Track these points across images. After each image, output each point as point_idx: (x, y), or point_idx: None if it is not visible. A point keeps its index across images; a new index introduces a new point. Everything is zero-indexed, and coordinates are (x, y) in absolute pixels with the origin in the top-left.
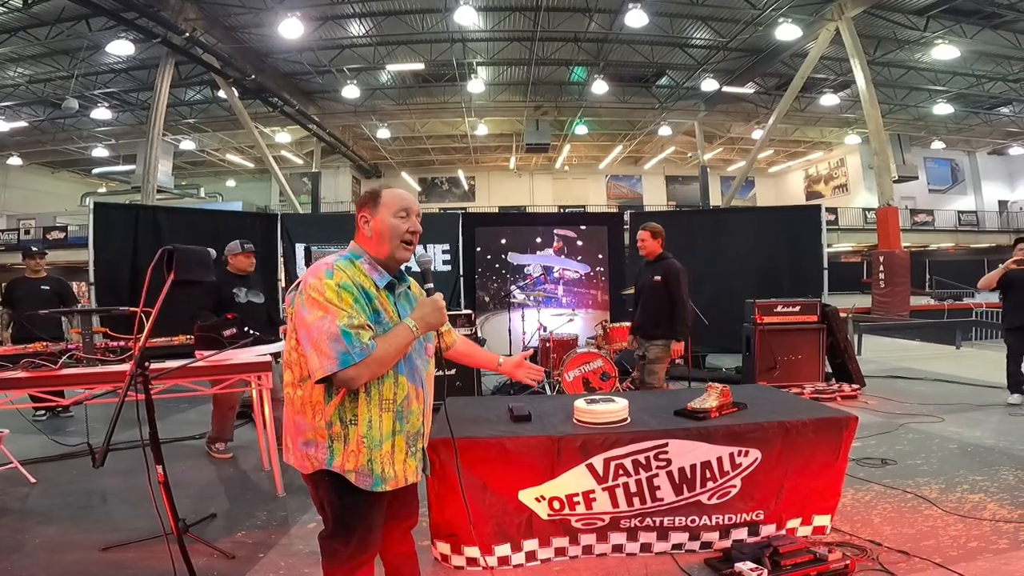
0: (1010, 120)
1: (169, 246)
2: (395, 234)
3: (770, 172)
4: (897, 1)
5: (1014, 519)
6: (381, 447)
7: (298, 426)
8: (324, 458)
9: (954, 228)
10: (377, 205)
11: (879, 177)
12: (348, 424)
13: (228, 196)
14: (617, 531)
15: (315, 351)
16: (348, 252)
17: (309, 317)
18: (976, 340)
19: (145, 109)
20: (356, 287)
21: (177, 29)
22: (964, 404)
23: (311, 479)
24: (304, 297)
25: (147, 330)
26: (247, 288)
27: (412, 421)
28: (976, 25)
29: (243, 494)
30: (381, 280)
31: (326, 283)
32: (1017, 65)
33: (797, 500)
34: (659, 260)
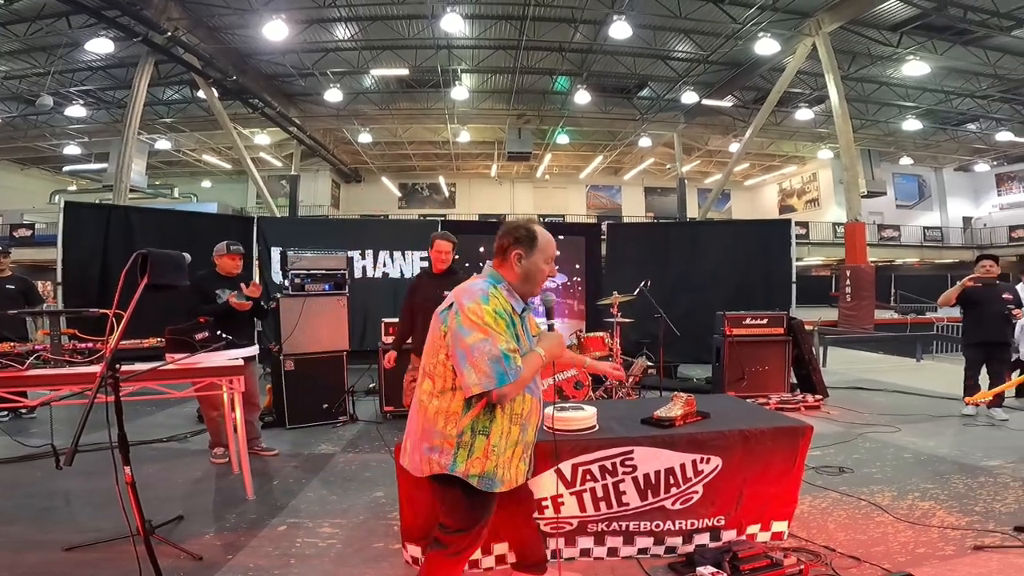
0: (976, 137)
1: (144, 250)
2: (541, 277)
3: (746, 185)
4: (872, 17)
5: (961, 526)
6: (504, 454)
7: (426, 432)
8: (447, 464)
9: (919, 244)
10: (533, 248)
11: (848, 192)
12: (477, 434)
13: (203, 197)
14: (585, 535)
15: (473, 369)
16: (489, 277)
17: (469, 338)
18: (937, 353)
19: (121, 107)
20: (507, 314)
21: (159, 28)
22: (920, 415)
23: (429, 480)
24: (462, 318)
25: (119, 332)
26: (231, 290)
27: (530, 431)
28: (947, 41)
29: (211, 497)
30: (518, 307)
31: (484, 308)
32: (985, 81)
33: (756, 506)
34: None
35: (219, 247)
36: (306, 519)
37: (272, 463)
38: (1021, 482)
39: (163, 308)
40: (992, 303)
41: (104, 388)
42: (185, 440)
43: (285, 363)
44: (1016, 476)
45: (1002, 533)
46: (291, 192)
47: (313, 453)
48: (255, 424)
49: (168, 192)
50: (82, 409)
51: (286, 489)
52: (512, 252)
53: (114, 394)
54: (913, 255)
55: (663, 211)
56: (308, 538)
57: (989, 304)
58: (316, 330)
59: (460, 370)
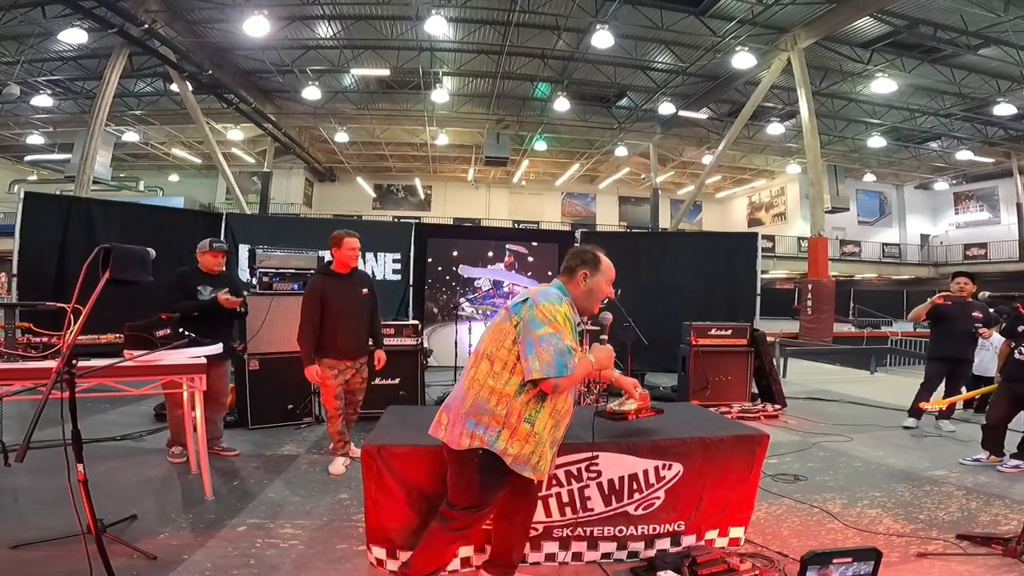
0: (937, 155)
1: (107, 244)
2: (601, 296)
3: (717, 198)
4: (846, 33)
5: (905, 533)
6: (543, 444)
7: (476, 408)
8: (490, 439)
9: (879, 259)
10: (598, 270)
11: (813, 208)
12: (523, 420)
13: (170, 191)
14: (550, 540)
15: (538, 356)
16: (558, 288)
17: (540, 330)
18: (891, 366)
19: (90, 98)
20: (572, 320)
21: (136, 20)
22: (872, 425)
23: (461, 455)
24: (536, 312)
25: (77, 327)
26: (213, 287)
27: (561, 429)
28: (916, 59)
29: (168, 496)
30: (576, 319)
31: (558, 308)
32: (949, 100)
33: (715, 512)
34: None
35: (202, 244)
36: (267, 520)
37: (233, 463)
38: (964, 491)
39: (123, 303)
40: (961, 320)
41: (60, 384)
42: (140, 439)
43: (250, 362)
44: (960, 485)
45: (944, 540)
46: (262, 189)
47: (276, 454)
48: (218, 424)
49: (133, 185)
50: (34, 405)
51: (246, 490)
52: (579, 272)
53: (69, 391)
54: (872, 271)
55: (636, 220)
56: (269, 539)
57: (958, 321)
58: (283, 330)
59: (525, 356)
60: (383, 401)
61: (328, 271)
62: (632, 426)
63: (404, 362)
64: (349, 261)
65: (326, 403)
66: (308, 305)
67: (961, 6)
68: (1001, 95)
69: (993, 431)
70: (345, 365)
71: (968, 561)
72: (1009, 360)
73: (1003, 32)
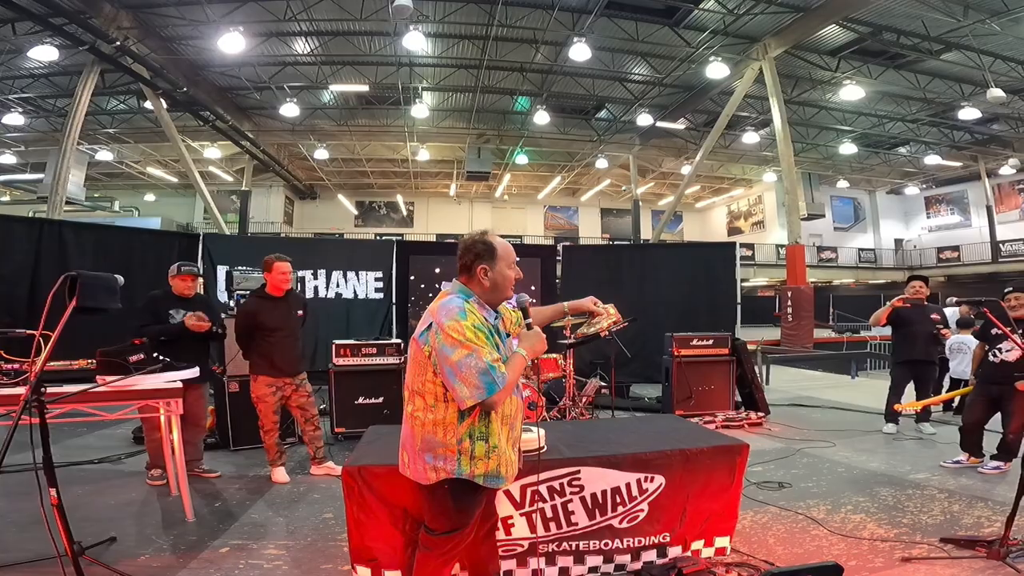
0: (906, 160)
1: (73, 272)
2: (508, 284)
3: (697, 207)
4: (814, 41)
5: (890, 538)
6: (505, 454)
7: (427, 443)
8: (452, 469)
9: (855, 265)
10: (495, 259)
11: (789, 215)
12: (476, 440)
13: (146, 211)
14: (536, 556)
15: (463, 383)
16: (459, 292)
17: (454, 356)
18: (871, 370)
19: (62, 116)
20: (484, 326)
21: (107, 37)
22: (854, 430)
23: (430, 488)
24: (443, 337)
25: (45, 355)
26: (186, 310)
27: (517, 428)
28: (881, 65)
29: (148, 519)
30: (490, 317)
31: (464, 324)
32: (915, 105)
33: (699, 522)
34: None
35: (172, 268)
36: (250, 541)
37: (214, 485)
38: (947, 494)
39: (97, 328)
40: (921, 323)
41: (29, 410)
42: (119, 461)
43: (229, 385)
44: (942, 488)
45: (928, 544)
46: (241, 208)
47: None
48: (198, 446)
49: (108, 205)
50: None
51: (228, 511)
52: (477, 267)
53: (39, 417)
54: (849, 276)
55: (619, 232)
56: (252, 560)
57: (918, 324)
58: None
59: (451, 386)
60: (368, 420)
61: (262, 294)
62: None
63: (387, 381)
64: (281, 284)
65: (264, 419)
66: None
67: (922, 12)
68: (965, 99)
69: (971, 433)
70: (283, 382)
71: (953, 565)
72: (983, 362)
73: (963, 37)
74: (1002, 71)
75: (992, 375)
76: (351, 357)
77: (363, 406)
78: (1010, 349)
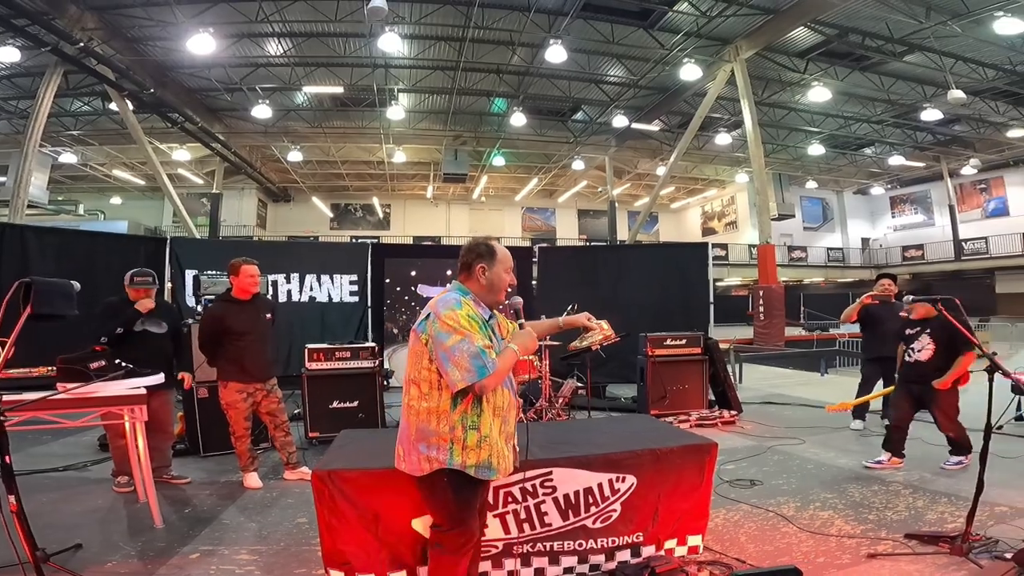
0: (872, 161)
1: (27, 279)
2: (503, 286)
3: (672, 208)
4: (783, 43)
5: (856, 534)
6: (497, 445)
7: (421, 432)
8: (445, 458)
9: (824, 264)
10: (494, 261)
11: (759, 216)
12: (468, 429)
13: (112, 215)
14: (511, 557)
15: (455, 367)
16: (457, 290)
17: (448, 341)
18: (840, 367)
19: (24, 118)
20: (478, 317)
21: (71, 39)
22: (823, 427)
23: (427, 480)
24: (439, 325)
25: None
26: (145, 317)
27: (510, 423)
28: (847, 67)
29: (115, 526)
30: (485, 314)
31: (459, 313)
32: (880, 107)
33: (671, 521)
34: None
35: (126, 277)
36: (221, 547)
37: (184, 491)
38: (911, 489)
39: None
40: (890, 320)
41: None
42: (84, 469)
43: (198, 391)
44: (907, 484)
45: (893, 540)
46: (212, 211)
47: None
48: (166, 452)
49: (72, 209)
50: None
51: (199, 517)
52: (476, 267)
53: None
54: (818, 275)
55: (596, 233)
56: (224, 565)
57: (887, 322)
58: None
59: (444, 370)
60: (343, 424)
61: (229, 298)
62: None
63: (362, 385)
64: (249, 287)
65: (235, 425)
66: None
67: (886, 14)
68: (927, 100)
69: (896, 431)
70: (254, 388)
71: (917, 560)
72: (903, 362)
73: (925, 39)
74: (963, 72)
75: (909, 374)
76: (324, 361)
77: (337, 410)
78: (921, 349)
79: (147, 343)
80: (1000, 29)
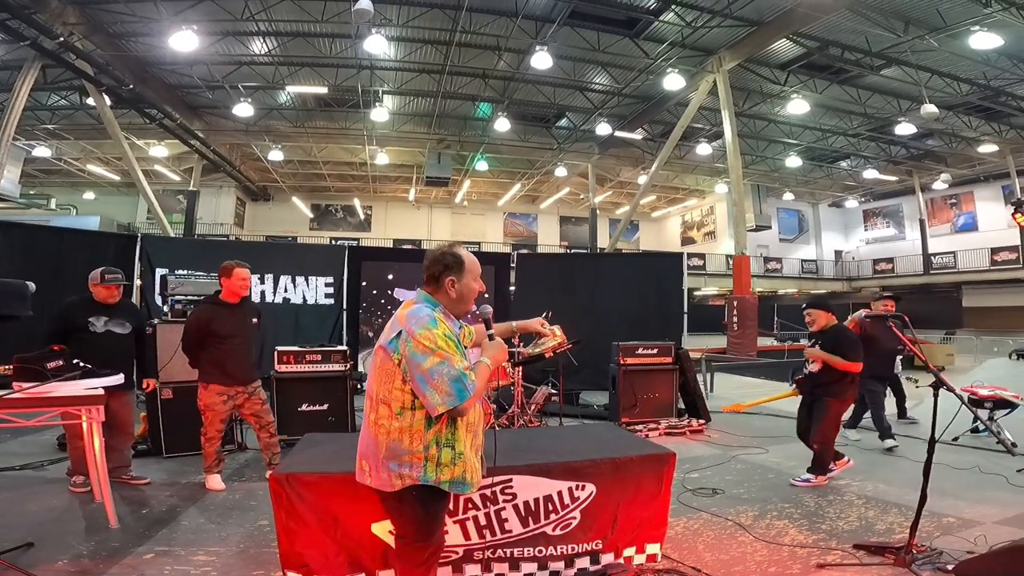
0: (847, 174)
1: None
2: (472, 296)
3: (653, 217)
4: (765, 55)
5: (808, 544)
6: (470, 461)
7: (392, 451)
8: (419, 475)
9: (798, 275)
10: (463, 271)
11: (736, 226)
12: (443, 447)
13: (84, 210)
14: (471, 563)
15: (435, 391)
16: (426, 302)
17: (426, 363)
18: None
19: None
20: (453, 335)
21: (51, 33)
22: (786, 436)
23: (396, 496)
24: (414, 344)
25: None
26: (108, 317)
27: (480, 435)
28: (826, 80)
29: (70, 525)
30: (455, 327)
31: (435, 332)
32: (856, 120)
33: (630, 529)
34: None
35: (93, 275)
36: (178, 547)
37: (143, 492)
38: (864, 500)
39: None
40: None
41: None
42: (42, 468)
43: (162, 391)
44: (860, 494)
45: (843, 551)
46: (188, 209)
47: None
48: (125, 453)
49: (44, 203)
50: None
51: (157, 518)
52: (445, 279)
53: None
54: (792, 286)
55: (577, 240)
56: (179, 566)
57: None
58: None
59: (422, 392)
60: (312, 427)
61: (217, 300)
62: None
63: (333, 388)
64: (239, 291)
65: (209, 426)
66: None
67: (866, 27)
68: (902, 114)
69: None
70: (236, 391)
71: (863, 571)
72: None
73: (902, 52)
74: (938, 87)
75: (805, 386)
76: (295, 364)
77: (307, 413)
78: (813, 362)
79: (109, 341)
80: (976, 44)
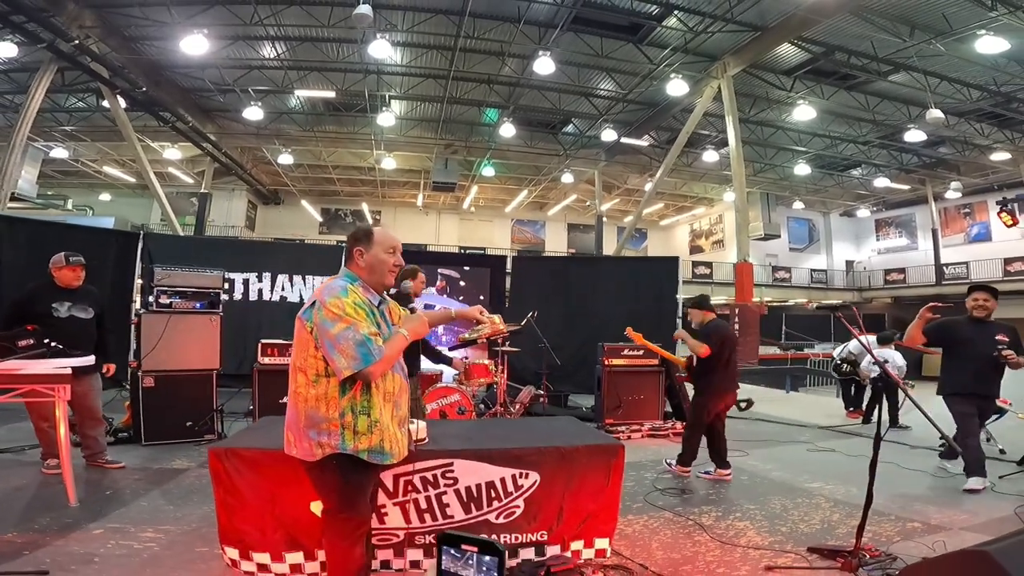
0: (859, 183)
1: None
2: (385, 268)
3: (661, 225)
4: (770, 61)
5: (764, 545)
6: (388, 429)
7: (311, 419)
8: (337, 443)
9: (807, 285)
10: (371, 243)
11: (739, 234)
12: (358, 414)
13: (100, 211)
14: (413, 547)
15: (341, 354)
16: (345, 276)
17: (333, 329)
18: (811, 386)
19: (18, 112)
20: (365, 304)
21: (67, 36)
22: (772, 440)
23: (318, 465)
24: (324, 312)
25: None
26: (71, 302)
27: (402, 407)
28: (833, 86)
29: (32, 503)
30: (374, 300)
31: (345, 301)
32: (865, 127)
33: (577, 522)
34: None
35: (57, 258)
36: (129, 525)
37: (113, 475)
38: (832, 503)
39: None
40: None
41: None
42: (22, 452)
43: (144, 380)
44: (829, 497)
45: (796, 554)
46: (199, 210)
47: (164, 467)
48: (99, 439)
49: (61, 204)
50: None
51: (118, 499)
52: (355, 251)
53: None
54: (802, 295)
55: (585, 247)
56: (124, 541)
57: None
58: (183, 348)
59: (330, 358)
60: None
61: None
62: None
63: None
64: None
65: None
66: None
67: (871, 32)
68: (911, 121)
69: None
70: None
71: (811, 575)
72: None
73: (909, 58)
74: (947, 92)
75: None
76: (278, 356)
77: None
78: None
79: (73, 325)
80: (982, 48)
